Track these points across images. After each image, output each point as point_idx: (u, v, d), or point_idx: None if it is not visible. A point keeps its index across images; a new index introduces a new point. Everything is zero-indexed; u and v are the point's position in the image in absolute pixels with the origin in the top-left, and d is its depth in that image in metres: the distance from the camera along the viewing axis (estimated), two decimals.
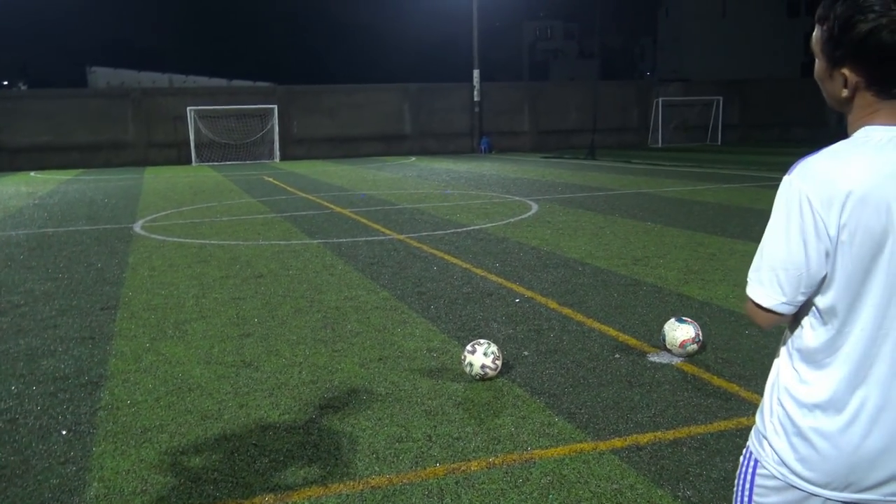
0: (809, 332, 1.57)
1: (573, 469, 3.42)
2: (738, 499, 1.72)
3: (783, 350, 1.65)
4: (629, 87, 42.02)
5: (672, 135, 38.84)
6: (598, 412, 4.08)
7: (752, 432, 1.72)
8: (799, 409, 1.58)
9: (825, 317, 1.54)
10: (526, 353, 5.12)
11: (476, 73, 36.01)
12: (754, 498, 1.68)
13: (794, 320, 1.60)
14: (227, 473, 3.47)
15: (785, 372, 1.62)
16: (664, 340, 4.95)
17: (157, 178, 23.62)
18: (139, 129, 33.04)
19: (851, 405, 1.53)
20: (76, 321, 6.24)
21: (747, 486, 1.70)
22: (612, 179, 18.86)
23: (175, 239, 10.52)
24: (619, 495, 3.18)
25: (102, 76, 52.11)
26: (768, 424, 1.65)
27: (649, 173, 20.45)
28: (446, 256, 8.62)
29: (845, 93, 1.54)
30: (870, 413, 1.52)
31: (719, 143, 38.09)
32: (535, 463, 3.50)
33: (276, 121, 33.68)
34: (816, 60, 1.62)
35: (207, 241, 10.21)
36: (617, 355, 5.03)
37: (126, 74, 52.86)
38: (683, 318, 5.04)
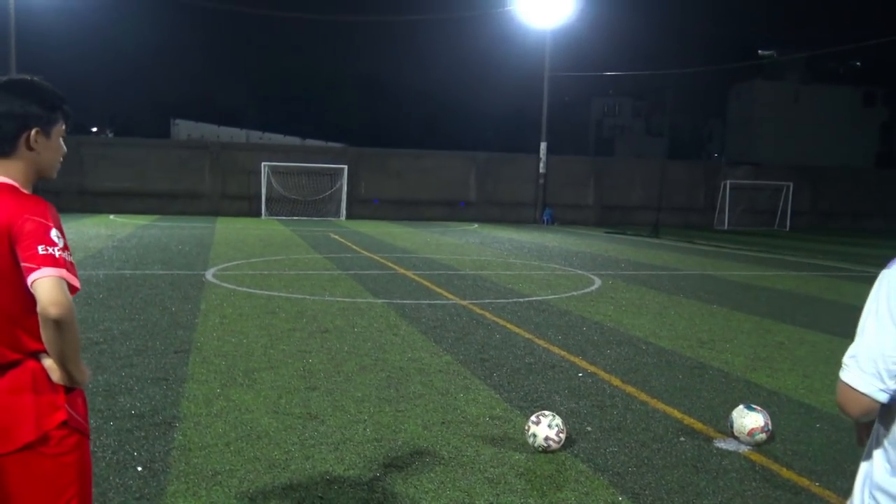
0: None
1: None
2: None
3: (875, 444, 1.67)
4: (696, 168, 41.88)
5: (738, 218, 38.33)
6: (664, 494, 4.03)
7: None
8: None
9: None
10: (589, 428, 5.10)
11: (543, 145, 36.51)
12: None
13: (887, 414, 1.63)
14: None
15: (878, 467, 1.64)
16: (732, 427, 4.87)
17: (228, 228, 24.45)
18: (215, 180, 34.42)
19: None
20: (151, 362, 6.49)
21: None
22: (676, 259, 18.69)
23: (245, 289, 10.86)
24: None
25: (184, 128, 54.72)
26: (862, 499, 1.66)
27: (714, 255, 20.19)
28: (509, 325, 8.67)
29: None
30: None
31: (787, 228, 37.38)
32: None
33: (346, 180, 34.63)
34: None
35: (276, 293, 10.51)
36: (682, 438, 4.96)
37: (206, 128, 55.40)
38: (752, 405, 4.96)
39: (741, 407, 4.93)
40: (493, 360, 6.93)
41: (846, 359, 1.63)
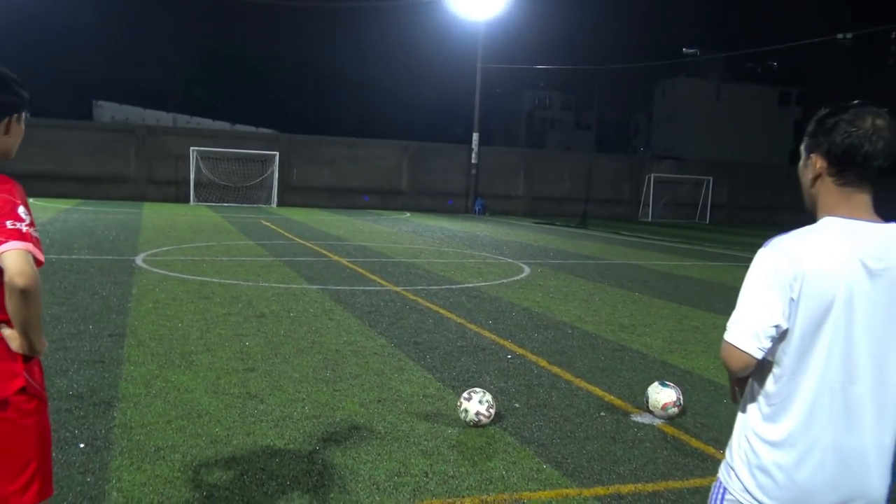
0: (770, 380, 1.92)
1: None
2: None
3: (749, 398, 1.99)
4: (622, 161, 43.09)
5: (662, 210, 39.70)
6: (584, 463, 4.37)
7: (722, 465, 2.05)
8: (761, 445, 1.92)
9: (782, 367, 1.89)
10: (517, 405, 5.41)
11: (475, 136, 36.94)
12: None
13: (758, 370, 1.94)
14: (237, 493, 3.73)
15: (751, 413, 1.97)
16: (647, 402, 5.26)
17: (155, 214, 23.95)
18: (141, 164, 33.53)
19: (803, 445, 1.87)
20: (86, 345, 6.48)
21: None
22: (602, 249, 19.35)
23: (177, 274, 10.80)
24: None
25: (108, 110, 52.89)
26: (735, 458, 1.98)
27: (638, 246, 20.99)
28: (441, 310, 8.95)
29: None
30: (818, 453, 1.86)
31: (707, 221, 38.95)
32: (523, 503, 3.77)
33: (277, 167, 34.27)
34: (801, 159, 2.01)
35: (209, 279, 10.50)
36: (602, 413, 5.33)
37: (131, 111, 53.69)
38: (666, 382, 5.37)
39: (656, 384, 5.33)
40: (427, 343, 7.19)
41: (730, 323, 1.94)
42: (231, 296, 9.24)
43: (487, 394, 4.92)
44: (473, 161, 37.09)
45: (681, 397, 5.22)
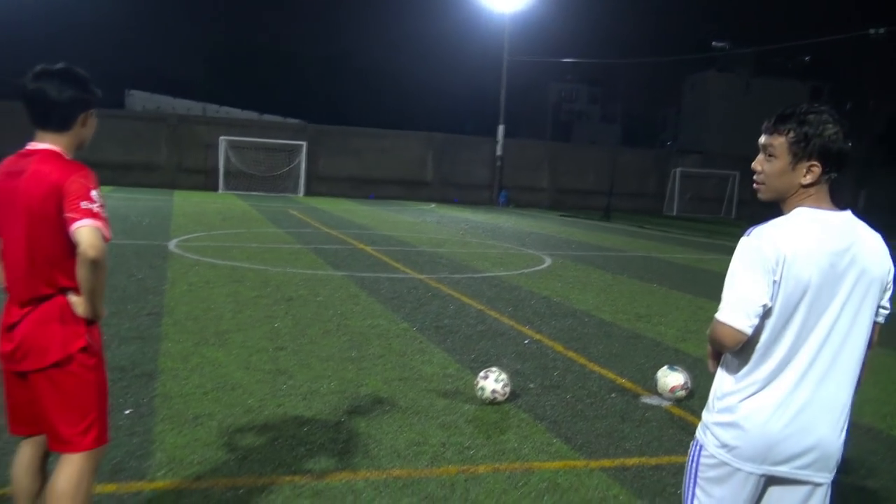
0: (747, 349, 2.18)
1: (566, 479, 3.99)
2: (687, 476, 2.32)
3: (726, 362, 2.26)
4: (648, 155, 43.03)
5: (687, 205, 39.60)
6: (592, 438, 4.65)
7: (699, 426, 2.32)
8: (736, 405, 2.19)
9: (760, 338, 2.15)
10: (531, 385, 5.70)
11: (501, 128, 37.11)
12: (699, 474, 2.28)
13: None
14: (270, 456, 4.06)
15: (727, 378, 2.24)
16: (656, 385, 5.52)
17: (186, 202, 24.50)
18: (171, 153, 34.21)
19: (771, 404, 2.13)
20: (125, 322, 6.87)
21: (694, 465, 2.30)
22: (624, 242, 19.51)
23: (209, 259, 11.21)
24: (604, 502, 3.74)
25: (139, 99, 53.71)
26: (711, 417, 2.25)
27: (661, 239, 21.10)
28: (463, 297, 9.25)
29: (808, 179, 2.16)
30: (786, 409, 2.12)
31: (733, 216, 38.79)
32: (534, 472, 4.06)
33: (304, 157, 34.74)
34: (774, 160, 2.23)
35: (239, 264, 10.89)
36: (613, 395, 5.60)
37: (162, 100, 54.44)
38: (675, 366, 5.62)
39: (665, 368, 5.59)
40: (448, 328, 7.49)
41: (723, 305, 2.16)
42: (261, 280, 9.61)
43: (503, 373, 5.21)
44: (498, 153, 37.27)
45: (689, 381, 5.46)
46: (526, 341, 7.14)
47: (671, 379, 5.44)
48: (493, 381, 5.11)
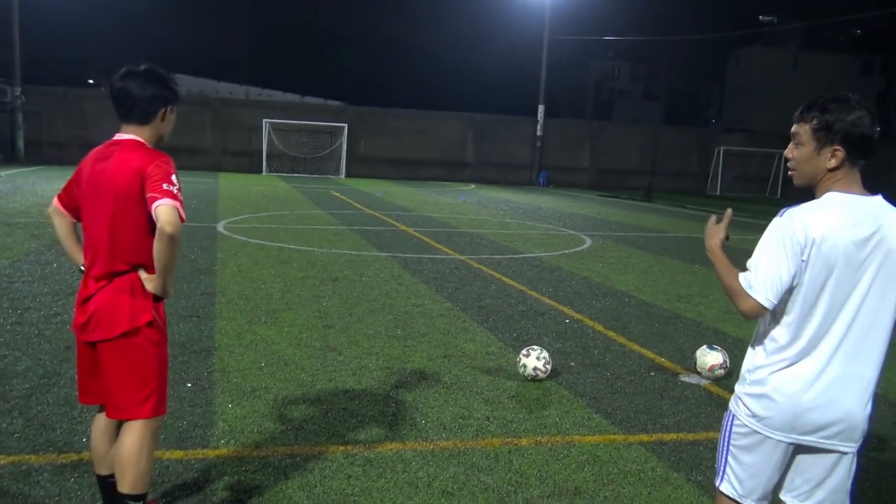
0: (780, 326, 2.31)
1: (605, 452, 4.15)
2: (722, 444, 2.47)
3: (758, 337, 2.39)
4: (691, 134, 42.37)
5: (731, 184, 38.99)
6: (631, 414, 4.80)
7: (732, 399, 2.46)
8: (767, 377, 2.32)
9: (791, 316, 2.28)
10: (572, 363, 5.85)
11: (541, 108, 36.92)
12: (731, 442, 2.43)
13: (770, 317, 2.34)
14: (324, 426, 4.30)
15: (759, 353, 2.37)
16: (695, 364, 5.63)
17: (231, 184, 25.03)
18: (216, 136, 34.83)
19: (801, 378, 2.27)
20: (181, 302, 7.20)
21: (727, 434, 2.45)
22: (665, 223, 19.41)
23: (256, 241, 11.55)
24: (641, 474, 3.90)
25: (183, 83, 54.54)
26: (744, 388, 2.39)
27: (702, 219, 20.87)
28: (504, 278, 9.41)
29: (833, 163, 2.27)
30: (814, 383, 2.26)
31: (778, 195, 38.10)
32: (574, 445, 4.24)
33: (345, 139, 35.08)
34: (801, 147, 2.35)
35: (285, 245, 11.20)
36: (652, 373, 5.73)
37: (205, 83, 55.33)
38: (714, 346, 5.72)
39: (704, 347, 5.69)
40: (489, 308, 7.67)
41: (752, 279, 2.29)
42: (307, 261, 9.90)
43: (545, 351, 5.37)
44: (539, 133, 37.13)
45: (727, 360, 5.56)
46: (567, 321, 7.28)
47: (710, 358, 5.54)
48: (534, 359, 5.28)
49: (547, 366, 5.30)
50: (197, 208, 16.19)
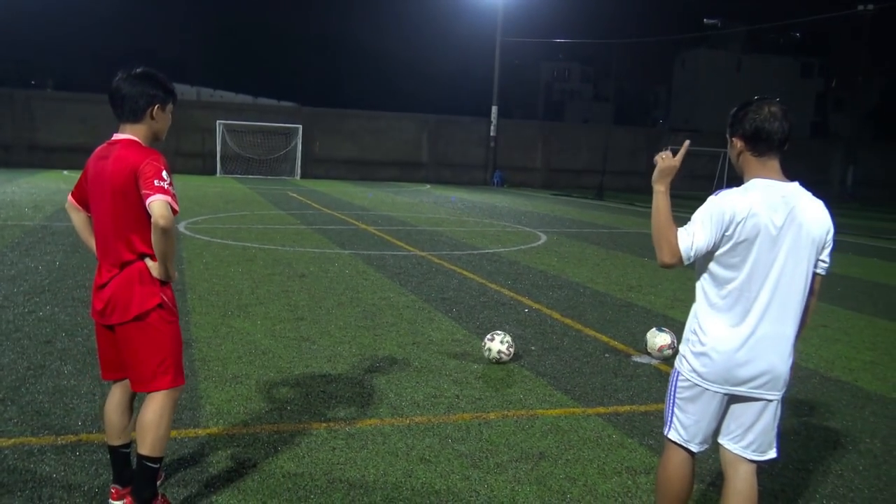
0: (713, 290, 2.72)
1: (566, 423, 4.55)
2: (668, 398, 2.87)
3: (698, 303, 2.80)
4: (640, 133, 43.48)
5: (679, 182, 39.93)
6: (589, 390, 5.21)
7: (677, 357, 2.86)
8: (705, 338, 2.73)
9: (723, 281, 2.69)
10: (533, 348, 6.25)
11: (494, 109, 37.47)
12: (676, 395, 2.83)
13: (706, 284, 2.74)
14: (306, 407, 4.60)
15: (698, 317, 2.78)
16: (646, 345, 6.08)
17: (186, 186, 24.90)
18: (169, 137, 34.14)
19: (734, 338, 2.67)
20: None
21: (673, 388, 2.85)
22: (616, 219, 20.06)
23: (219, 240, 11.71)
24: (599, 440, 4.30)
25: None
26: (686, 348, 2.80)
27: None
28: (464, 272, 9.79)
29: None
30: (744, 341, 2.66)
31: None
32: (537, 417, 4.62)
33: (300, 140, 35.09)
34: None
35: (249, 244, 11.39)
36: (607, 355, 6.16)
37: None
38: (663, 328, 6.18)
39: (654, 329, 6.15)
40: (452, 299, 8.03)
41: (680, 230, 2.69)
42: (272, 259, 10.13)
43: (508, 336, 5.76)
44: (492, 134, 37.69)
45: (675, 341, 6.01)
46: (526, 310, 7.69)
47: (659, 339, 6.00)
48: (498, 343, 5.66)
49: (510, 349, 5.68)
50: None
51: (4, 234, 11.25)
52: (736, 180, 2.85)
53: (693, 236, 2.65)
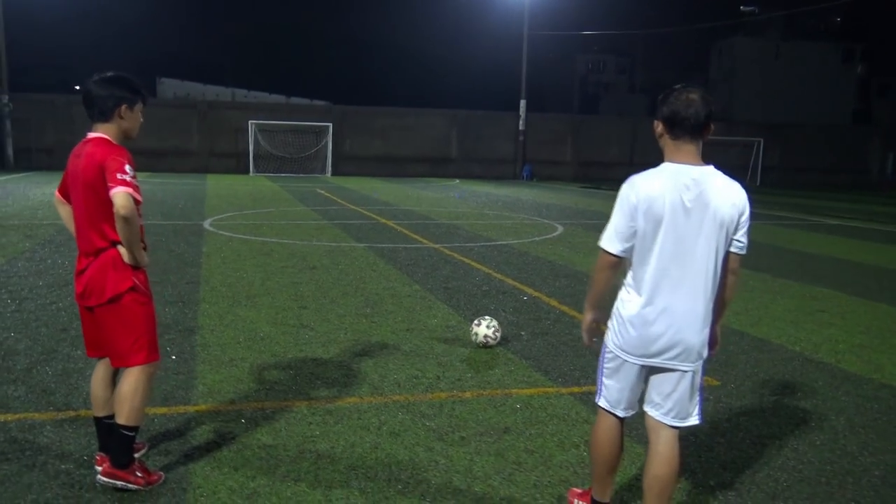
0: (633, 273, 2.91)
1: (538, 401, 4.75)
2: (598, 369, 3.07)
3: (623, 284, 2.99)
4: None
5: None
6: (567, 372, 5.40)
7: (606, 332, 3.06)
8: (625, 313, 2.92)
9: (638, 260, 2.88)
10: (523, 333, 6.45)
11: (522, 103, 37.50)
12: (604, 365, 3.03)
13: (629, 265, 2.93)
14: (292, 386, 4.88)
15: (621, 294, 2.97)
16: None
17: (218, 185, 25.55)
18: (203, 138, 35.29)
19: (650, 313, 2.86)
20: (168, 289, 7.76)
21: (602, 360, 3.06)
22: None
23: (240, 236, 12.11)
24: (566, 417, 4.50)
25: (170, 87, 55.08)
26: (611, 324, 2.99)
27: None
28: (473, 263, 10.00)
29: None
30: (659, 316, 2.85)
31: (758, 183, 38.83)
32: (511, 396, 4.83)
33: (331, 138, 35.61)
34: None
35: (268, 239, 11.77)
36: (595, 339, 6.30)
37: (192, 86, 55.78)
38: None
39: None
40: (454, 288, 8.26)
41: (602, 236, 2.90)
42: (288, 252, 10.48)
43: (494, 320, 5.97)
44: (521, 128, 37.74)
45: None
46: (524, 298, 7.89)
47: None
48: (485, 328, 5.87)
49: (496, 333, 5.89)
50: (185, 207, 16.73)
51: (39, 233, 11.80)
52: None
53: (613, 231, 2.86)
